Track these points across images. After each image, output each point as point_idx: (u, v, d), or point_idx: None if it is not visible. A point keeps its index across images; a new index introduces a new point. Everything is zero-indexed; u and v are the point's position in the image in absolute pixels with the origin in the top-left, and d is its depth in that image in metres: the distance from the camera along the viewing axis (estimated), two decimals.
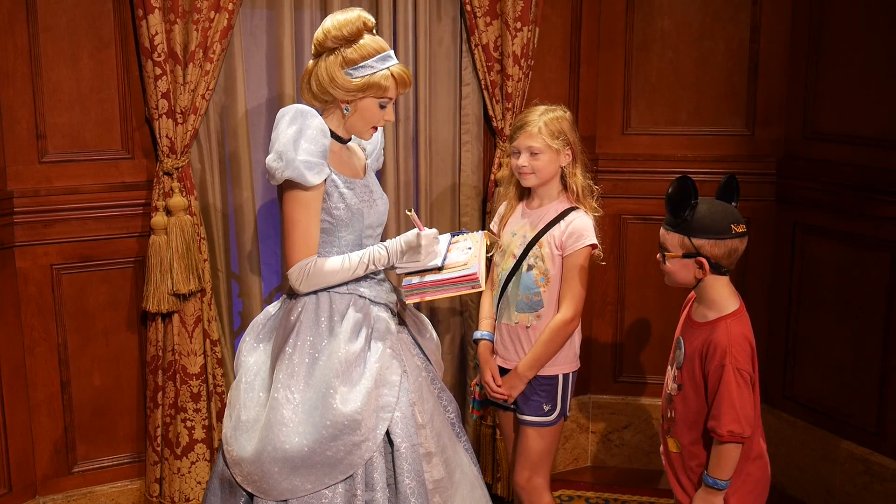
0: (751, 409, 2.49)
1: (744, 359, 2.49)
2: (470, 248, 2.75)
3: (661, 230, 2.58)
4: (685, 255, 2.52)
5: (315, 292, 2.61)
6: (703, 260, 2.50)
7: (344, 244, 2.64)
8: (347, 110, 2.62)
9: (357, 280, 2.64)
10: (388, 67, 2.59)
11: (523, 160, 2.92)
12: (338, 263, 2.59)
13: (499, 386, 2.96)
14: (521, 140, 2.92)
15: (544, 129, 2.88)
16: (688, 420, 2.59)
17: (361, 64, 2.56)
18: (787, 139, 3.84)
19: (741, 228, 2.50)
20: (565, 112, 2.97)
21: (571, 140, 2.92)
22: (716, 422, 2.48)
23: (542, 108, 2.96)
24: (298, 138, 2.49)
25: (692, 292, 2.70)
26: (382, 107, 2.63)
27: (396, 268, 2.66)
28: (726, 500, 2.57)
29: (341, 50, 2.56)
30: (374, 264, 2.62)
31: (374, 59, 2.57)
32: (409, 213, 2.68)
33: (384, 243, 2.65)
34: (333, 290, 2.62)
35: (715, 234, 2.48)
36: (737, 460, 2.51)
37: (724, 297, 2.56)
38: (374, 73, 2.57)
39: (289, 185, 2.52)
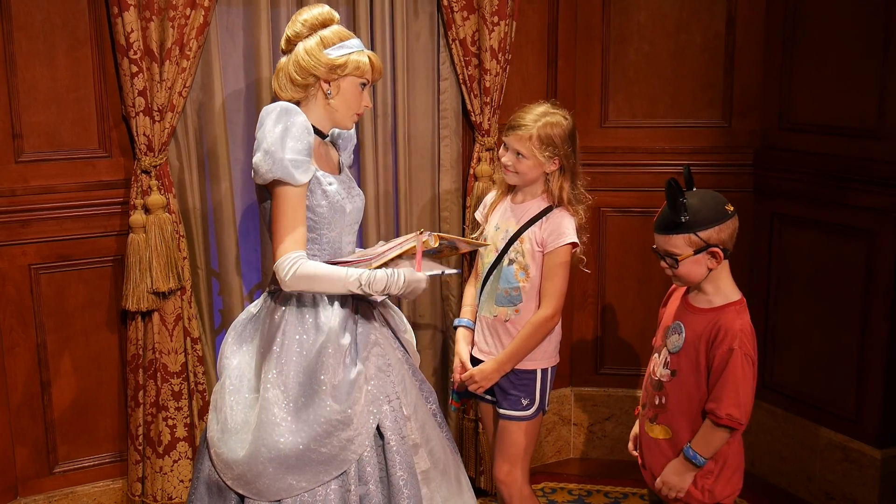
0: (751, 399, 2.51)
1: (752, 348, 2.52)
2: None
3: (660, 238, 2.57)
4: (697, 252, 2.53)
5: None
6: (716, 249, 2.52)
7: (325, 241, 2.64)
8: (330, 93, 2.63)
9: None
10: (361, 49, 2.65)
11: (508, 159, 2.92)
12: (333, 271, 2.53)
13: (469, 377, 2.97)
14: (510, 140, 2.91)
15: (535, 137, 2.86)
16: (683, 406, 2.59)
17: (339, 44, 2.61)
18: (763, 130, 3.87)
19: (731, 207, 2.55)
20: (565, 119, 2.91)
21: (561, 152, 2.89)
22: (716, 404, 2.50)
23: (542, 109, 2.92)
24: (285, 137, 2.49)
25: (682, 286, 2.72)
26: (363, 86, 2.66)
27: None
28: (712, 490, 2.59)
29: (318, 33, 2.61)
30: (368, 287, 2.54)
31: (349, 41, 2.64)
32: (423, 234, 2.66)
33: (388, 270, 2.57)
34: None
35: (716, 220, 2.51)
36: (723, 445, 2.54)
37: (729, 284, 2.61)
38: (352, 52, 2.62)
39: (276, 184, 2.52)
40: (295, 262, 2.49)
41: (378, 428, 2.56)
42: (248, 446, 2.50)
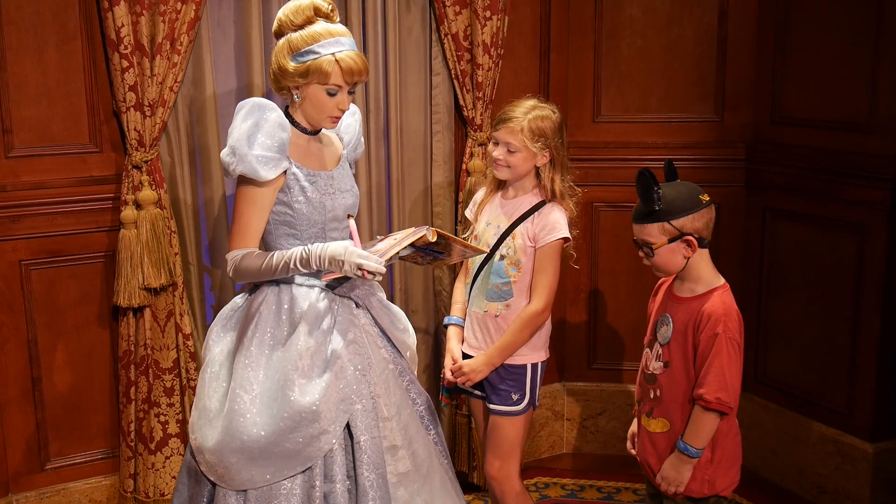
0: (738, 382, 2.54)
1: (737, 331, 2.54)
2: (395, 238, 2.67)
3: (636, 228, 2.62)
4: (671, 240, 2.56)
5: (278, 283, 2.61)
6: (690, 238, 2.55)
7: (307, 237, 2.62)
8: (297, 97, 2.60)
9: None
10: (332, 53, 2.52)
11: (499, 153, 2.92)
12: (259, 261, 2.55)
13: (458, 370, 2.96)
14: (501, 133, 2.91)
15: (526, 128, 2.86)
16: (678, 395, 2.60)
17: (305, 49, 2.52)
18: (755, 124, 3.87)
19: (707, 197, 2.60)
20: (554, 112, 2.93)
21: (552, 143, 2.90)
22: (704, 388, 2.51)
23: (531, 103, 2.93)
24: (254, 132, 2.48)
25: (662, 277, 2.75)
26: (331, 94, 2.56)
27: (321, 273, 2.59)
28: (711, 481, 2.60)
29: (290, 36, 2.55)
30: (296, 266, 2.53)
31: (320, 44, 2.52)
32: (350, 220, 2.65)
33: (311, 246, 2.53)
34: (295, 283, 2.61)
35: (690, 209, 2.55)
36: (713, 431, 2.55)
37: (710, 271, 2.64)
38: (317, 58, 2.51)
39: (242, 180, 2.52)
40: (234, 259, 2.56)
41: (349, 427, 2.55)
42: (217, 435, 2.51)
